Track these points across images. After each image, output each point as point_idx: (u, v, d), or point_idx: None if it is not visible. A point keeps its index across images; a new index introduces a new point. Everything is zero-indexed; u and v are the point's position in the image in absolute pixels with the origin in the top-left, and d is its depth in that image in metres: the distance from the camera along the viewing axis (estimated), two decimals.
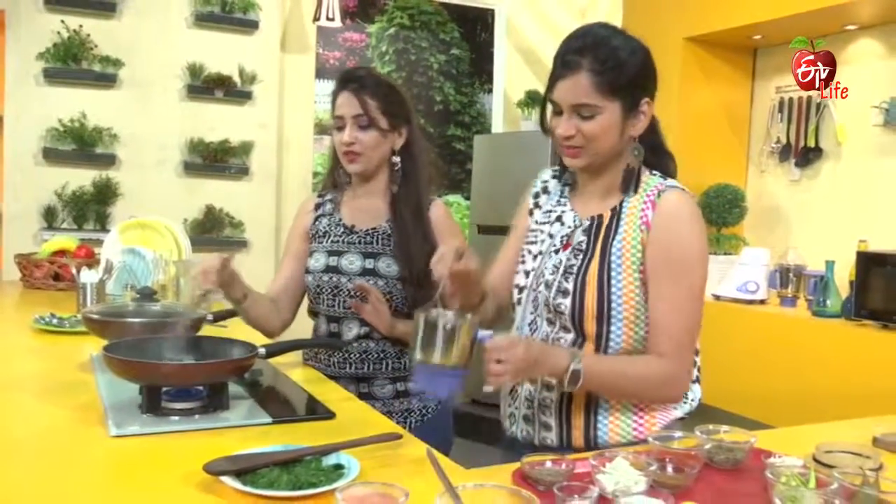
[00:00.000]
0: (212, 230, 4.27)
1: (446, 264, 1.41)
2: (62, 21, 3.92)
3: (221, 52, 4.31)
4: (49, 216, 3.90)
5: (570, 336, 1.52)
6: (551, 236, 1.61)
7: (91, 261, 2.98)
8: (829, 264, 3.51)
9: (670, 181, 1.54)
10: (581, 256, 1.52)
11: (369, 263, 1.95)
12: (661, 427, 1.52)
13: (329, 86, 5.02)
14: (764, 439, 1.40)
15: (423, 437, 1.42)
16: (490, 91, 5.65)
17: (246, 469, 1.15)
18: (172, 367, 1.46)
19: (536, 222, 1.67)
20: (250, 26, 4.36)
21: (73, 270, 2.78)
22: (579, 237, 1.55)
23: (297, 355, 2.08)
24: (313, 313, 2.06)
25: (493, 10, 5.53)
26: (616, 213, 1.53)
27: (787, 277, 3.86)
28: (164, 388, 1.48)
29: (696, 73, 4.27)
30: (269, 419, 1.48)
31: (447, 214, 2.03)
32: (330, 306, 1.97)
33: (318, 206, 2.09)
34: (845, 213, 3.88)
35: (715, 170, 4.25)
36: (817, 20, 3.64)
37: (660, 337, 1.48)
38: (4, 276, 3.56)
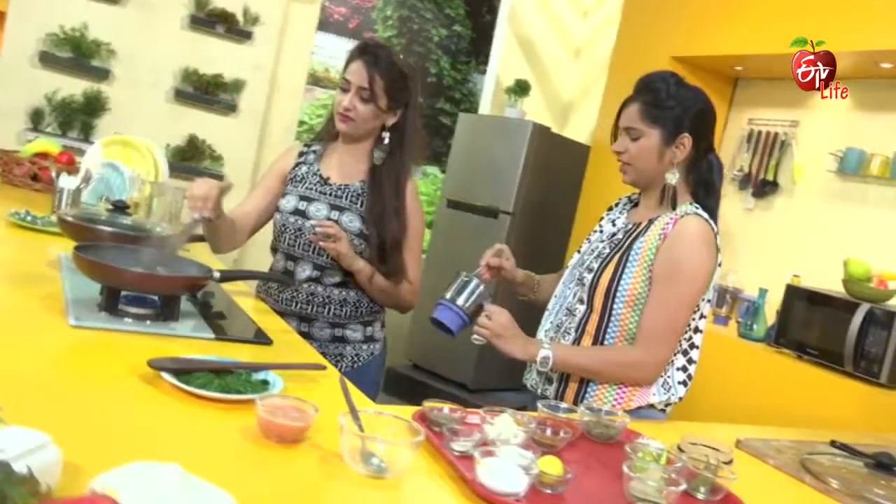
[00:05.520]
0: (192, 159, 4.39)
1: (489, 255, 1.92)
2: None
3: None
4: (36, 118, 3.98)
5: (582, 308, 1.83)
6: (602, 231, 1.96)
7: (71, 168, 3.10)
8: (762, 292, 3.74)
9: (699, 209, 1.81)
10: (613, 247, 1.86)
11: (334, 214, 2.10)
12: (636, 406, 1.78)
13: (329, 39, 5.14)
14: (643, 427, 1.60)
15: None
16: (485, 72, 5.78)
17: (184, 369, 1.32)
18: (133, 274, 1.61)
19: (599, 224, 2.02)
20: None
21: (53, 174, 2.90)
22: (619, 235, 1.89)
23: (250, 287, 2.25)
24: (274, 249, 2.22)
25: None
26: (650, 222, 1.83)
27: (723, 298, 4.08)
28: (124, 293, 1.64)
29: None
30: (213, 335, 1.64)
31: (415, 194, 2.20)
32: (290, 245, 2.13)
33: (301, 154, 2.24)
34: (787, 247, 4.07)
35: None
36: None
37: (640, 327, 1.76)
38: None
